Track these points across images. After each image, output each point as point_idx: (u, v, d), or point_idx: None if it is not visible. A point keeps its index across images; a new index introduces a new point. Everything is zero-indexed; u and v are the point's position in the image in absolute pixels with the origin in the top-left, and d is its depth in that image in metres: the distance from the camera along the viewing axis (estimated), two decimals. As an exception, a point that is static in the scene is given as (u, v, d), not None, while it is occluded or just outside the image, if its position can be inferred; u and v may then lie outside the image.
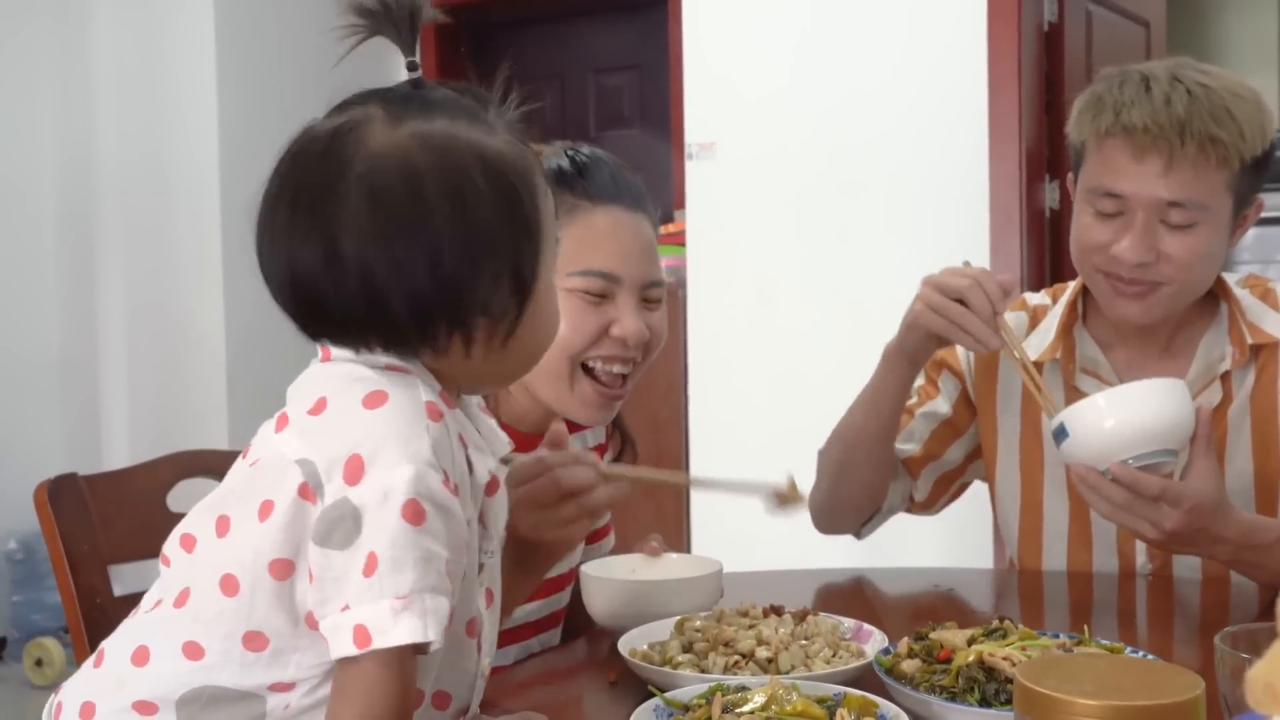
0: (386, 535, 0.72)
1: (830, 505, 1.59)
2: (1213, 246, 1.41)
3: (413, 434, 0.75)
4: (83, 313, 4.37)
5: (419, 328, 0.78)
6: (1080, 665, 0.76)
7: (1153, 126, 1.35)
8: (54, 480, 1.27)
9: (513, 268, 0.79)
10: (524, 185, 0.81)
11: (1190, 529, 1.28)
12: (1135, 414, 1.28)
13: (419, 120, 0.80)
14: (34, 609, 4.07)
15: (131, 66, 4.24)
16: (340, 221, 0.78)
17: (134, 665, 0.83)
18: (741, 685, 0.95)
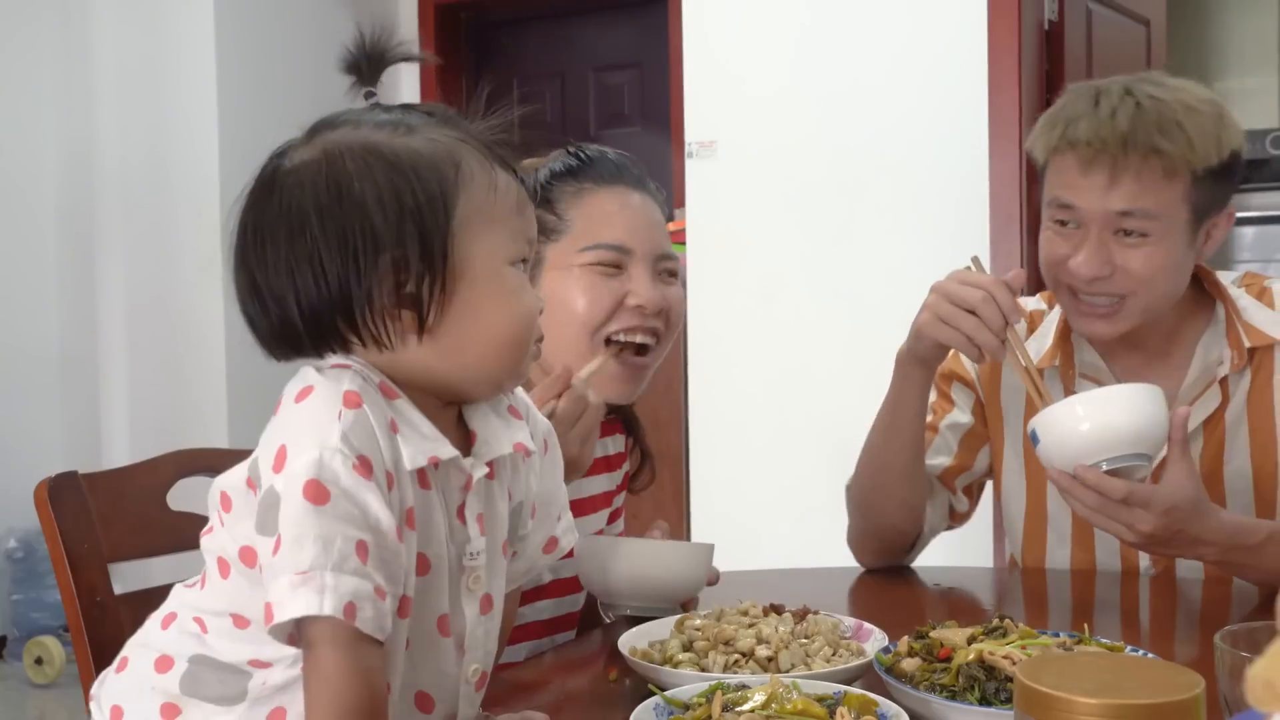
0: (289, 515, 0.76)
1: (870, 536, 1.57)
2: (1171, 258, 1.40)
3: (324, 420, 0.78)
4: (83, 311, 4.37)
5: (319, 331, 0.82)
6: (1080, 664, 0.76)
7: (1095, 140, 1.36)
8: (54, 478, 1.27)
9: (404, 260, 0.80)
10: (424, 177, 0.81)
11: (1167, 531, 1.28)
12: (1102, 418, 1.28)
13: (325, 134, 0.84)
14: (34, 607, 4.08)
15: (132, 65, 4.24)
16: (250, 248, 0.83)
17: (161, 629, 0.91)
18: (742, 684, 0.95)
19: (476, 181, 0.84)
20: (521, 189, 0.88)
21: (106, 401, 4.37)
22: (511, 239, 0.86)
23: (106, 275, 4.35)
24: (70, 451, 4.24)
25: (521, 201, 0.88)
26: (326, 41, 4.52)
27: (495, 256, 0.84)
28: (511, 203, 0.86)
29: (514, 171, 0.88)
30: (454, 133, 0.86)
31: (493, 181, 0.85)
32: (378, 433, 0.79)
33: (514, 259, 0.86)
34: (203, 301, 4.15)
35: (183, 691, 0.88)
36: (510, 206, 0.86)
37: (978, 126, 3.06)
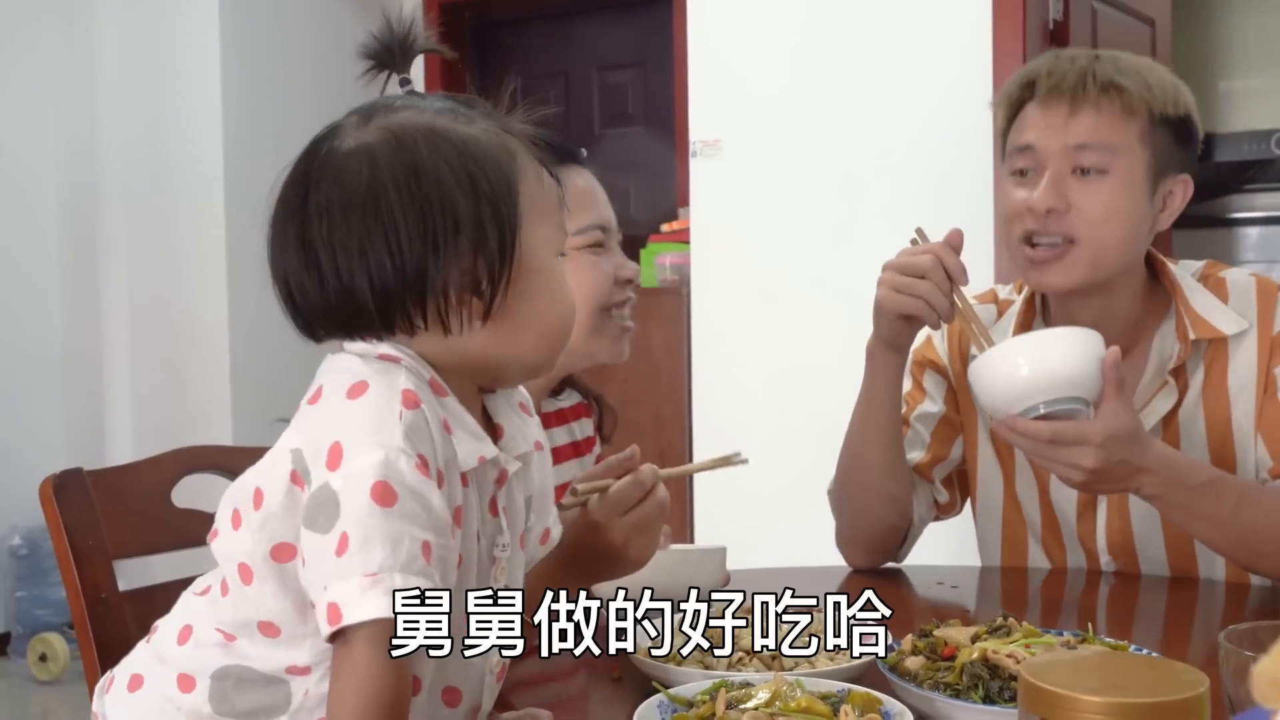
0: (355, 516, 0.75)
1: (859, 533, 1.57)
2: (1128, 203, 1.41)
3: (385, 420, 0.77)
4: (86, 309, 4.37)
5: (389, 311, 0.82)
6: (1085, 662, 0.76)
7: (1054, 75, 1.42)
8: (59, 475, 1.27)
9: (482, 243, 0.81)
10: (492, 165, 0.83)
11: (1109, 462, 1.27)
12: (1033, 363, 1.27)
13: (385, 116, 0.84)
14: (38, 604, 4.08)
15: (135, 63, 4.24)
16: (311, 223, 0.83)
17: (178, 644, 0.88)
18: (745, 681, 0.95)
19: (529, 173, 0.86)
20: (558, 185, 0.90)
21: (110, 400, 4.38)
22: (557, 231, 0.88)
23: (109, 274, 4.35)
24: (73, 449, 4.25)
25: (560, 196, 0.89)
26: (331, 40, 4.53)
27: (548, 247, 0.86)
28: (556, 196, 0.88)
29: (549, 167, 0.89)
30: (499, 123, 0.87)
31: (540, 174, 0.87)
32: (434, 433, 0.80)
33: (559, 251, 0.88)
34: (206, 300, 4.15)
35: (215, 711, 0.85)
36: (554, 200, 0.88)
37: (981, 126, 3.05)
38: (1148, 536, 1.47)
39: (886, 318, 1.42)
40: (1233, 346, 1.45)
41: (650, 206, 4.43)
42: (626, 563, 1.10)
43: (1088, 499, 1.49)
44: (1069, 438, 1.26)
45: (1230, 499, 1.33)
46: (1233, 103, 4.57)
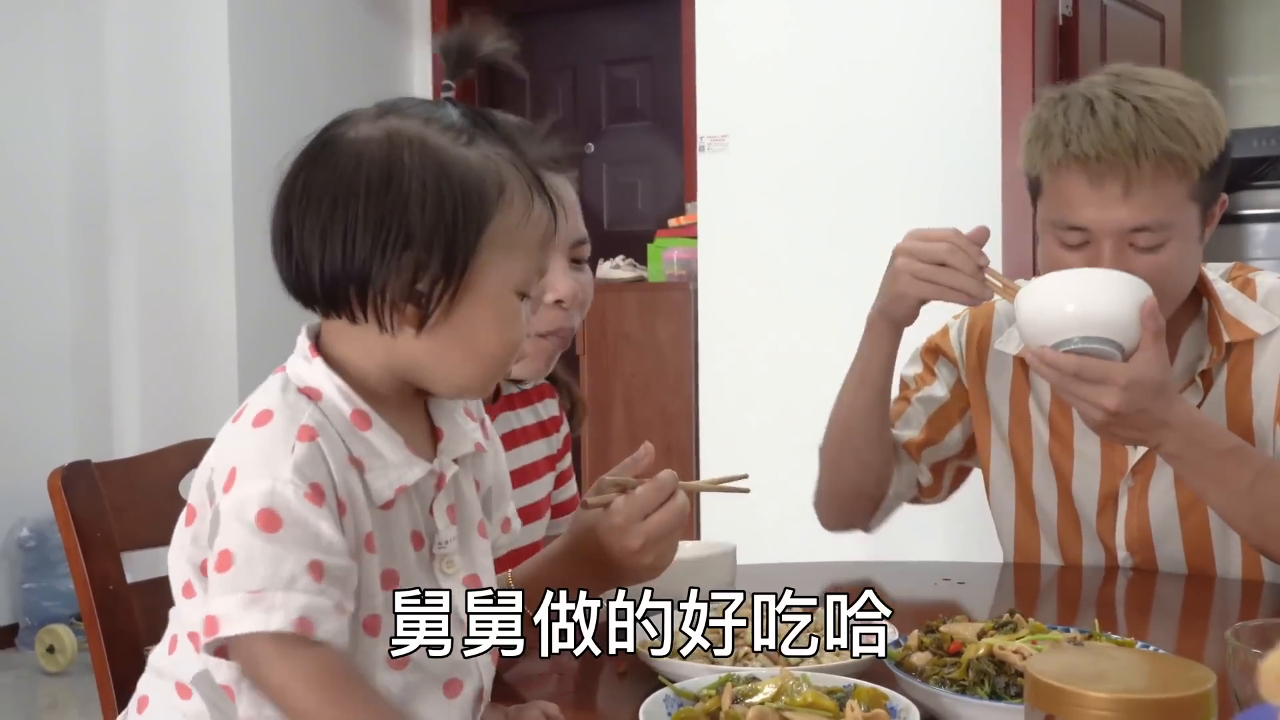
0: (239, 538, 0.79)
1: (834, 495, 1.58)
2: (1184, 259, 1.38)
3: (278, 452, 0.82)
4: (95, 303, 4.38)
5: (333, 297, 0.86)
6: (1091, 658, 0.76)
7: (1105, 153, 1.32)
8: (67, 467, 1.27)
9: (425, 262, 0.84)
10: (468, 191, 0.85)
11: (1131, 409, 1.26)
12: (1070, 299, 1.28)
13: (395, 117, 0.88)
14: (46, 596, 4.09)
15: (144, 58, 4.25)
16: (295, 198, 0.87)
17: (168, 654, 0.91)
18: (752, 676, 0.96)
19: (514, 207, 0.87)
20: (552, 224, 0.91)
21: (118, 393, 4.39)
22: (525, 269, 0.89)
23: (118, 268, 4.36)
24: (82, 442, 4.26)
25: (547, 237, 0.91)
26: (340, 35, 4.54)
27: (506, 281, 0.88)
28: (538, 235, 0.89)
29: (552, 206, 0.91)
30: (508, 152, 0.88)
31: (528, 210, 0.88)
32: (332, 466, 0.83)
33: (521, 288, 0.89)
34: (214, 293, 4.16)
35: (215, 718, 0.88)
36: (535, 239, 0.89)
37: (990, 122, 3.06)
38: (1166, 534, 1.47)
39: (907, 302, 1.41)
40: (1258, 349, 1.44)
41: (657, 202, 4.43)
42: (642, 570, 1.09)
43: (1108, 496, 1.49)
44: (1093, 374, 1.26)
45: (1250, 471, 1.32)
46: (1243, 99, 4.55)
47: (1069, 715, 0.66)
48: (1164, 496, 1.47)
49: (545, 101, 4.84)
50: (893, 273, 1.41)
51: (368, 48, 4.64)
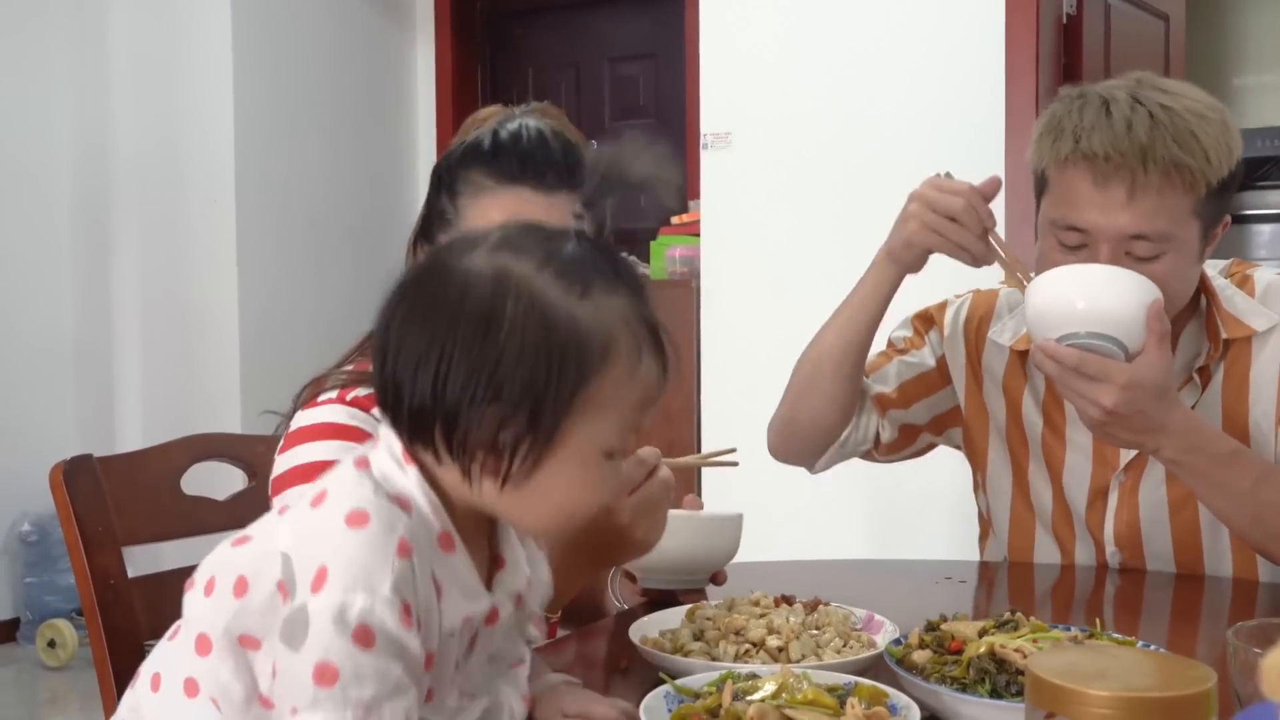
0: (340, 651, 0.76)
1: (790, 422, 1.58)
2: (1181, 274, 1.37)
3: (376, 565, 0.78)
4: (98, 299, 4.39)
5: (417, 428, 0.82)
6: (1092, 656, 0.76)
7: (1114, 154, 1.30)
8: (69, 461, 1.27)
9: (508, 421, 0.80)
10: (569, 353, 0.80)
11: (1128, 409, 1.26)
12: (1080, 294, 1.28)
13: (510, 254, 0.82)
14: (47, 590, 4.10)
15: (148, 55, 4.25)
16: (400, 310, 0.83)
17: (150, 691, 0.88)
18: (752, 673, 0.95)
19: (618, 369, 0.82)
20: (661, 381, 0.85)
21: (120, 389, 4.39)
22: (620, 432, 0.84)
23: (121, 264, 4.37)
24: (84, 438, 4.26)
25: (650, 397, 0.85)
26: (343, 32, 4.54)
27: (596, 444, 0.83)
28: (639, 396, 0.84)
29: (665, 361, 0.85)
30: (625, 305, 0.83)
31: (634, 371, 0.83)
32: (419, 585, 0.80)
33: (612, 451, 0.84)
34: (216, 290, 4.16)
35: None
36: (637, 400, 0.84)
37: (994, 120, 3.05)
38: (1155, 531, 1.47)
39: (915, 250, 1.42)
40: (1256, 346, 1.44)
41: (660, 199, 4.43)
42: (633, 544, 1.11)
43: (1098, 489, 1.49)
44: (1093, 370, 1.27)
45: (1251, 474, 1.32)
46: (1246, 98, 4.55)
47: (1070, 713, 0.66)
48: (1155, 492, 1.47)
49: (548, 98, 4.83)
50: (904, 216, 1.42)
51: (371, 45, 4.64)
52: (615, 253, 0.86)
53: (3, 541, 4.15)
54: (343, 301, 4.27)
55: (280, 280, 4.24)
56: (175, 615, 1.29)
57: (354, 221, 4.51)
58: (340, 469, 0.85)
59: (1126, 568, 1.50)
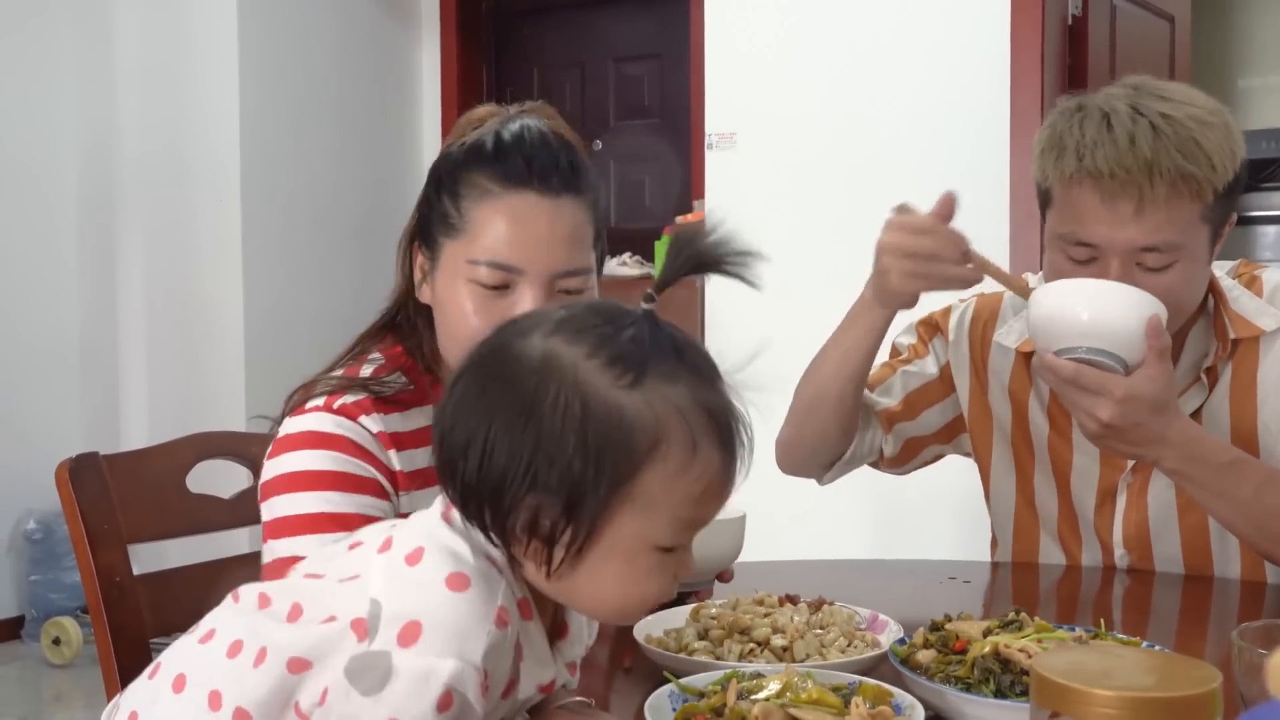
0: (415, 712, 0.76)
1: (796, 441, 1.57)
2: (1192, 279, 1.37)
3: (474, 632, 0.77)
4: (103, 298, 4.39)
5: (470, 509, 0.81)
6: (1097, 656, 0.76)
7: (1119, 170, 1.29)
8: (75, 458, 1.28)
9: (562, 511, 0.78)
10: (611, 444, 0.77)
11: (1126, 422, 1.27)
12: (1083, 308, 1.28)
13: (562, 339, 0.80)
14: (52, 588, 4.10)
15: (153, 54, 4.25)
16: (460, 387, 0.82)
17: (172, 691, 0.87)
18: (757, 672, 0.96)
19: (668, 464, 0.78)
20: (724, 473, 0.81)
21: (125, 387, 4.40)
22: (671, 529, 0.80)
23: (126, 263, 4.37)
24: (89, 435, 4.27)
25: (711, 490, 0.81)
26: (349, 32, 4.54)
27: (644, 539, 0.80)
28: (696, 492, 0.80)
29: (731, 454, 0.81)
30: (683, 394, 0.79)
31: (688, 466, 0.79)
32: (506, 654, 0.80)
33: (664, 545, 0.80)
34: (222, 289, 4.16)
35: None
36: (693, 495, 0.80)
37: (999, 121, 3.05)
38: (1163, 533, 1.47)
39: (902, 297, 1.40)
40: (1264, 346, 1.44)
41: (665, 198, 4.43)
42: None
43: (1106, 491, 1.49)
44: (1090, 384, 1.27)
45: (1253, 481, 1.32)
46: (1251, 100, 4.54)
47: (1075, 713, 0.66)
48: (1163, 494, 1.46)
49: (553, 98, 4.83)
50: (880, 270, 1.39)
51: (377, 44, 4.64)
52: (683, 337, 0.82)
53: (8, 539, 4.16)
54: (347, 301, 4.27)
55: (285, 279, 4.25)
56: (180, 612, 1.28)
57: (359, 221, 4.51)
58: (428, 521, 0.84)
59: (1134, 569, 1.50)
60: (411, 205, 1.31)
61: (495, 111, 1.26)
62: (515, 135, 1.21)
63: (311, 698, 0.80)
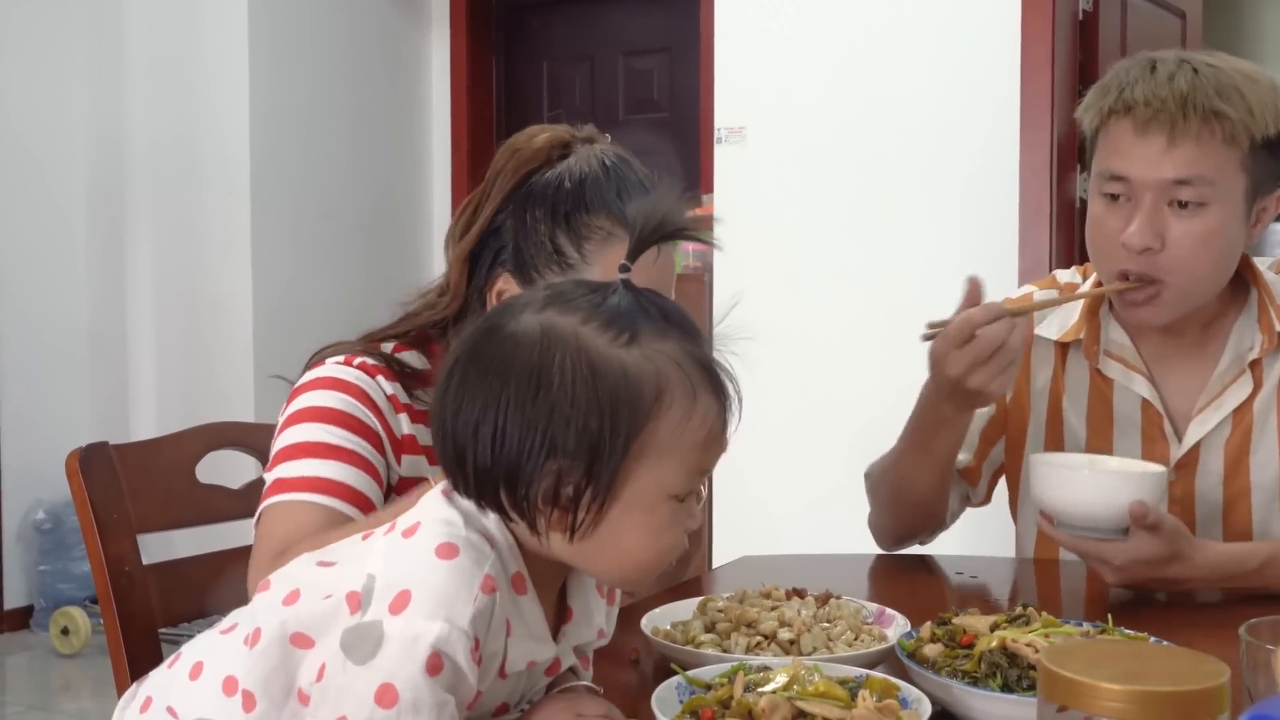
0: (406, 675, 0.78)
1: (889, 530, 1.57)
2: (1225, 232, 1.37)
3: (460, 597, 0.79)
4: (112, 288, 4.40)
5: (481, 490, 0.83)
6: (1105, 651, 0.76)
7: (1154, 100, 1.33)
8: (85, 448, 1.28)
9: (568, 475, 0.80)
10: (620, 403, 0.80)
11: (1134, 578, 1.31)
12: (1075, 495, 1.30)
13: (555, 311, 0.83)
14: (61, 578, 4.12)
15: (164, 47, 4.26)
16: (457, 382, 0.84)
17: (189, 679, 0.89)
18: (764, 665, 0.96)
19: (673, 413, 0.82)
20: (721, 417, 0.85)
21: (134, 379, 4.41)
22: (684, 475, 0.83)
23: (135, 254, 4.38)
24: (98, 426, 4.28)
25: (713, 436, 0.84)
26: (358, 25, 4.54)
27: (660, 489, 0.83)
28: (700, 437, 0.83)
29: (725, 401, 0.85)
30: (675, 348, 0.83)
31: (690, 413, 0.82)
32: (494, 624, 0.82)
33: (677, 492, 0.83)
34: (231, 280, 4.17)
35: None
36: (698, 441, 0.83)
37: (1009, 116, 3.04)
38: (1207, 532, 1.45)
39: (995, 396, 1.37)
40: None
41: (674, 193, 4.42)
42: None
43: None
44: (1090, 553, 1.30)
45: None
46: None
47: (1082, 707, 0.66)
48: (1209, 494, 1.46)
49: (562, 92, 4.83)
50: (971, 392, 1.33)
51: (386, 37, 4.64)
52: (663, 299, 0.86)
53: (17, 529, 4.17)
54: (356, 293, 4.28)
55: (294, 272, 4.25)
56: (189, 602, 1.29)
57: (367, 214, 4.52)
58: (430, 499, 0.86)
59: None
60: (421, 199, 1.31)
61: (556, 134, 1.26)
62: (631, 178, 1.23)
63: (310, 675, 0.82)
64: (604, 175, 1.23)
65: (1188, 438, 1.46)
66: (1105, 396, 1.49)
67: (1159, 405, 1.47)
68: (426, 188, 4.77)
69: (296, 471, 1.14)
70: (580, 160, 1.24)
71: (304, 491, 1.12)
